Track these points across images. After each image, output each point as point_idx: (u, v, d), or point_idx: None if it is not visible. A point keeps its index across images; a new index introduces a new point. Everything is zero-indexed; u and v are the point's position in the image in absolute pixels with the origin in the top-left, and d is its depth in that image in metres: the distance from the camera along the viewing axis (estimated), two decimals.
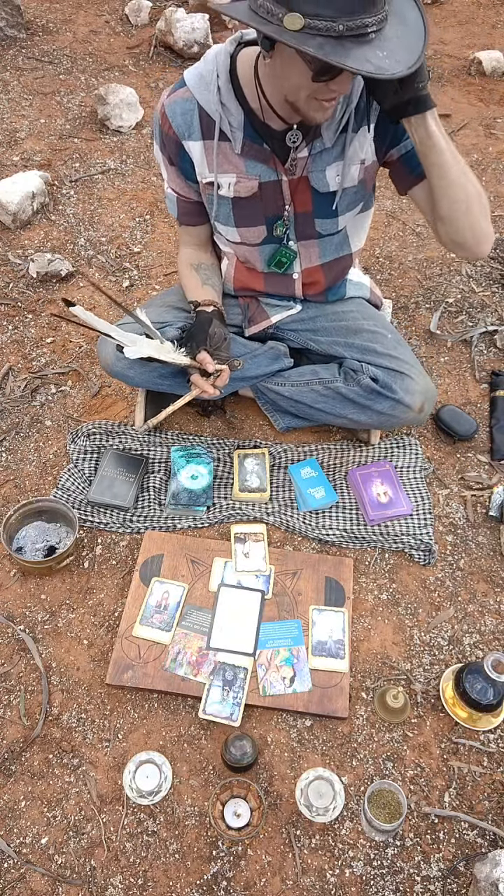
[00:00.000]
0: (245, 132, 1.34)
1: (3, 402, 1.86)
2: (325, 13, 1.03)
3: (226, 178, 1.41)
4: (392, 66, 1.07)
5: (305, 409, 1.68)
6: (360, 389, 1.58)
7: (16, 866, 1.21)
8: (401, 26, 1.11)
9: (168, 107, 1.36)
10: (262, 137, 1.35)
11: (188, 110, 1.35)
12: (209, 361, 1.42)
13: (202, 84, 1.32)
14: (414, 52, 1.10)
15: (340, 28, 1.04)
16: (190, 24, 3.08)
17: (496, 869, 1.12)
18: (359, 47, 1.06)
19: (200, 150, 1.39)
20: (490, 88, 3.09)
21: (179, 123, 1.36)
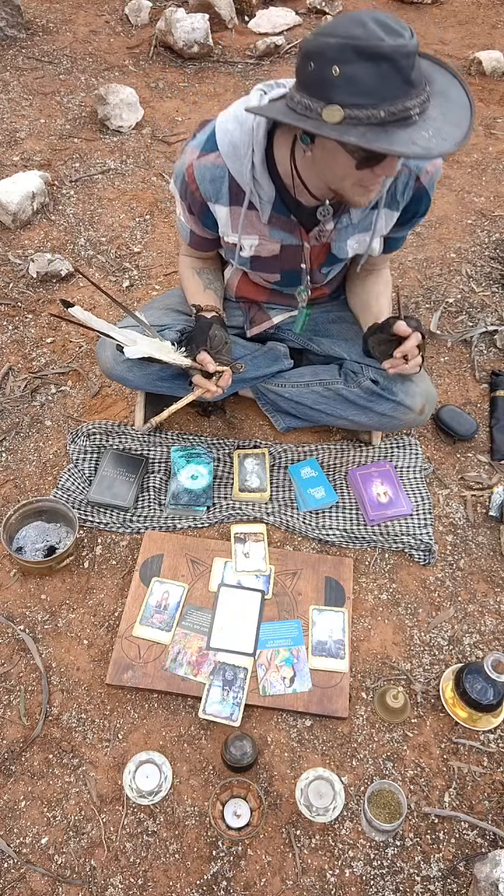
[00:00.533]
0: (274, 205, 1.34)
1: (3, 402, 1.86)
2: (365, 102, 1.02)
3: (248, 240, 1.42)
4: (439, 145, 1.05)
5: (306, 411, 1.68)
6: (360, 391, 1.58)
7: (16, 866, 1.21)
8: (445, 103, 1.10)
9: (197, 169, 1.34)
10: (290, 210, 1.35)
11: (218, 177, 1.33)
12: (210, 361, 1.42)
13: (235, 155, 1.30)
14: (461, 126, 1.08)
15: (382, 114, 1.02)
16: (190, 24, 3.08)
17: (496, 869, 1.12)
18: (403, 130, 1.04)
19: (226, 214, 1.39)
20: (490, 88, 3.09)
21: (207, 188, 1.35)
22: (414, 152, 1.03)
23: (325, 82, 1.04)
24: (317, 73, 1.04)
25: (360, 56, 1.00)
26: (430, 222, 2.42)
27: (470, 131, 1.09)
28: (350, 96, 1.02)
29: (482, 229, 2.40)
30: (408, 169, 1.32)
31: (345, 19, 1.04)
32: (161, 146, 2.71)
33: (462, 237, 2.37)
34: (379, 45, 0.99)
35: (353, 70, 1.01)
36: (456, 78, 1.14)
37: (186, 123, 2.83)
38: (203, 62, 3.18)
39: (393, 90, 1.02)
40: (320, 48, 1.03)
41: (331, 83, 1.03)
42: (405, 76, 1.02)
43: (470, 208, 2.48)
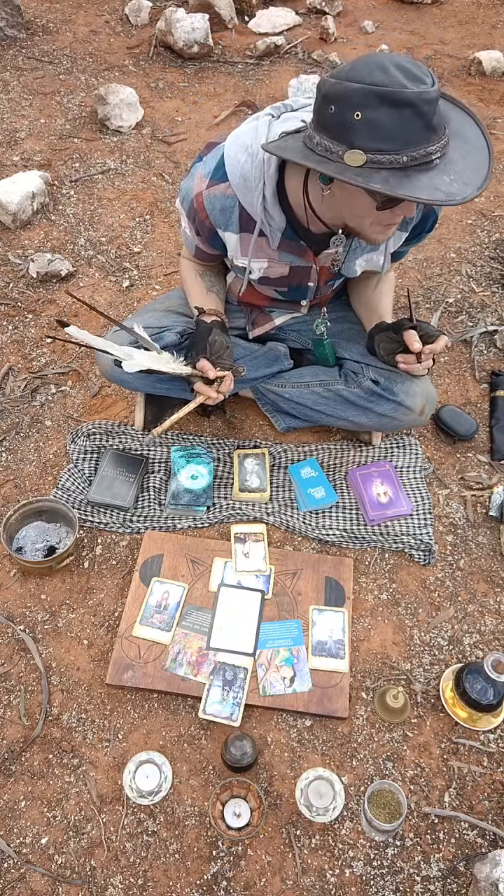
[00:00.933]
0: (284, 233, 1.34)
1: (3, 402, 1.86)
2: (388, 147, 1.02)
3: (258, 263, 1.43)
4: (461, 190, 1.06)
5: (306, 411, 1.68)
6: (360, 391, 1.58)
7: (16, 866, 1.21)
8: (463, 145, 1.11)
9: (207, 199, 1.34)
10: (300, 236, 1.36)
11: (228, 207, 1.34)
12: (210, 368, 1.41)
13: (246, 187, 1.30)
14: (480, 171, 1.09)
15: (405, 160, 1.03)
16: (190, 24, 3.08)
17: (496, 869, 1.12)
18: (425, 174, 1.05)
19: (236, 241, 1.39)
20: (490, 88, 3.08)
21: (217, 217, 1.36)
22: (437, 198, 1.04)
23: (346, 126, 1.04)
24: (338, 117, 1.04)
25: (384, 102, 1.01)
26: None
27: (490, 175, 1.10)
28: (373, 141, 1.03)
29: (482, 229, 2.40)
30: None
31: (365, 63, 1.04)
32: (161, 146, 2.71)
33: (462, 237, 2.37)
34: (402, 91, 1.00)
35: (375, 115, 1.01)
36: (471, 117, 1.15)
37: (186, 123, 2.83)
38: (203, 62, 3.18)
39: (415, 135, 1.03)
40: (342, 93, 1.03)
41: (353, 127, 1.03)
42: (427, 121, 1.02)
43: (470, 208, 2.48)
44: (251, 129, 1.29)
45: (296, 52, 3.27)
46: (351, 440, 1.79)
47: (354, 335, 1.64)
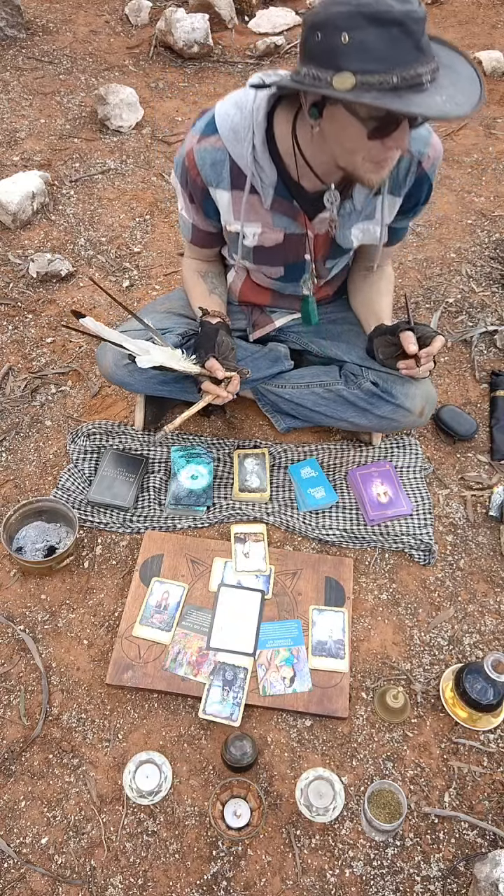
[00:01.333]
0: (276, 189, 1.32)
1: (3, 402, 1.86)
2: (377, 67, 0.99)
3: (251, 228, 1.40)
4: (455, 109, 1.03)
5: (306, 412, 1.68)
6: (360, 393, 1.58)
7: (16, 866, 1.21)
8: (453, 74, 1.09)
9: (197, 153, 1.32)
10: (293, 194, 1.34)
11: (219, 161, 1.31)
12: (219, 368, 1.40)
13: (235, 138, 1.28)
14: (472, 94, 1.07)
15: (395, 80, 1.00)
16: (190, 24, 3.08)
17: (496, 869, 1.12)
18: (416, 95, 1.02)
19: (228, 200, 1.37)
20: (490, 88, 3.08)
21: (208, 173, 1.33)
22: (432, 113, 1.01)
23: (334, 50, 1.01)
24: (325, 43, 1.02)
25: (371, 22, 0.98)
26: (430, 222, 2.42)
27: (483, 98, 1.07)
28: (361, 62, 1.00)
29: (482, 229, 2.40)
30: (410, 154, 1.31)
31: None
32: (161, 146, 2.71)
33: (462, 237, 2.37)
34: (389, 10, 0.98)
35: (363, 36, 0.99)
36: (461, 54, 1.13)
37: (186, 123, 2.83)
38: (203, 62, 3.18)
39: (404, 55, 1.00)
40: (328, 17, 1.01)
41: (340, 51, 1.00)
42: (416, 41, 1.00)
43: (470, 208, 2.48)
44: (240, 90, 1.29)
45: (296, 52, 3.27)
46: (351, 440, 1.79)
47: (354, 337, 1.64)
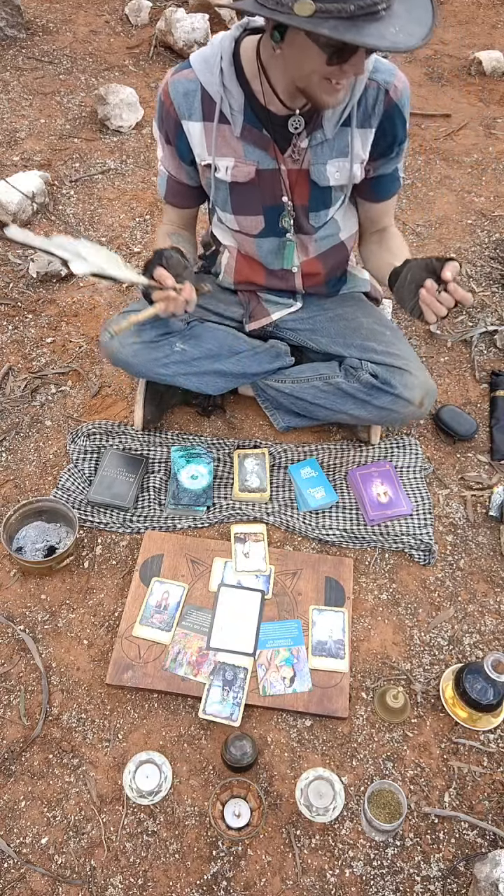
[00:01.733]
0: (245, 116, 1.35)
1: (3, 402, 1.86)
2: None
3: (224, 161, 1.41)
4: (406, 41, 1.08)
5: (306, 406, 1.68)
6: (360, 385, 1.58)
7: (16, 866, 1.21)
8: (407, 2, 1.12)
9: (171, 85, 1.36)
10: (263, 123, 1.35)
11: (191, 91, 1.35)
12: (167, 276, 1.37)
13: (206, 66, 1.33)
14: (424, 24, 1.11)
15: (352, 8, 1.04)
16: (190, 24, 3.08)
17: (496, 869, 1.12)
18: (372, 25, 1.06)
19: (200, 132, 1.39)
20: (490, 88, 3.09)
21: (181, 103, 1.37)
22: (383, 45, 1.06)
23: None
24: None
25: None
26: (430, 222, 2.42)
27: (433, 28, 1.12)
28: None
29: (482, 229, 2.40)
30: (376, 83, 1.32)
31: None
32: None
33: (462, 237, 2.37)
34: None
35: None
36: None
37: None
38: None
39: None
40: None
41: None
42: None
43: (470, 208, 2.48)
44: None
45: None
46: (350, 440, 1.79)
47: (351, 333, 1.64)
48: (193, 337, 1.62)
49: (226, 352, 1.64)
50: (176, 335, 1.60)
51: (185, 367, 1.62)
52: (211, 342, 1.62)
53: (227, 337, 1.65)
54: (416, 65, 3.22)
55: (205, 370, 1.64)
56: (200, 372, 1.64)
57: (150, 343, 1.58)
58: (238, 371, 1.66)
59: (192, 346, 1.61)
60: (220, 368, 1.64)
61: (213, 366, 1.64)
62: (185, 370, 1.62)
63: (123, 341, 1.58)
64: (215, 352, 1.63)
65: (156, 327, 1.58)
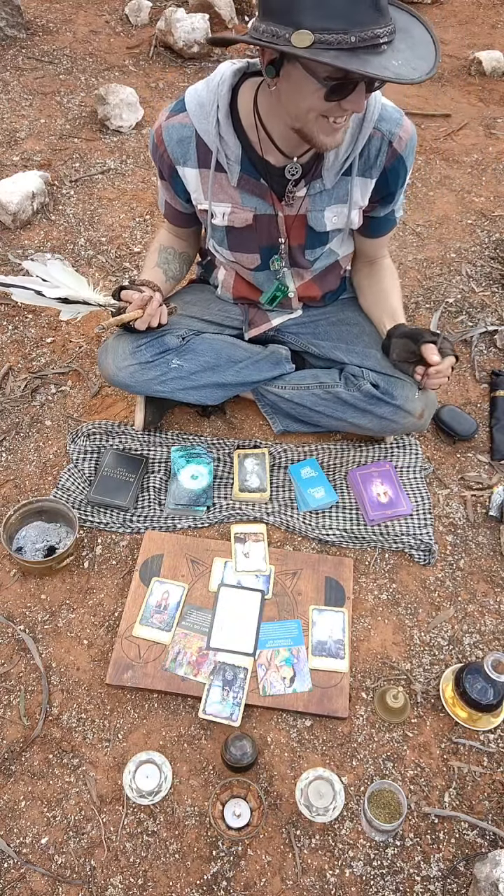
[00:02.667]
0: (242, 166, 1.32)
1: (3, 402, 1.86)
2: (336, 26, 0.99)
3: (220, 207, 1.39)
4: (409, 73, 1.04)
5: (306, 412, 1.68)
6: (360, 395, 1.58)
7: (16, 866, 1.21)
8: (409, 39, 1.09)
9: (165, 130, 1.33)
10: (260, 173, 1.33)
11: (185, 137, 1.32)
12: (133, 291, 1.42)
13: (202, 112, 1.29)
14: (428, 59, 1.07)
15: (353, 39, 1.00)
16: (190, 24, 3.08)
17: (496, 869, 1.12)
18: (373, 57, 1.02)
19: (196, 178, 1.37)
20: (490, 88, 3.09)
21: (175, 149, 1.34)
22: (387, 75, 1.01)
23: (292, 6, 1.01)
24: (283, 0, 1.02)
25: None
26: (429, 222, 2.42)
27: (437, 64, 1.08)
28: (320, 20, 0.99)
29: (482, 229, 2.40)
30: (380, 133, 1.29)
31: None
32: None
33: (462, 237, 2.37)
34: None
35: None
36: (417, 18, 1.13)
37: None
38: (203, 62, 3.18)
39: (362, 15, 0.99)
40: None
41: (299, 7, 1.00)
42: (374, 1, 1.00)
43: (470, 208, 2.48)
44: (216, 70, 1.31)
45: None
46: (351, 440, 1.79)
47: (353, 339, 1.64)
48: (190, 351, 1.61)
49: (224, 362, 1.64)
50: (172, 352, 1.60)
51: (184, 383, 1.62)
52: (208, 354, 1.62)
53: (224, 347, 1.64)
54: None
55: (204, 383, 1.64)
56: (199, 386, 1.64)
57: (147, 363, 1.58)
58: (237, 381, 1.66)
59: (188, 361, 1.61)
60: (219, 380, 1.65)
61: (212, 378, 1.64)
62: (183, 385, 1.63)
63: (119, 364, 1.58)
64: (213, 364, 1.63)
65: (151, 347, 1.58)
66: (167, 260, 1.58)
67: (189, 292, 1.74)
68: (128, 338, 1.58)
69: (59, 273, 1.48)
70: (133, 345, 1.58)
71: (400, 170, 1.35)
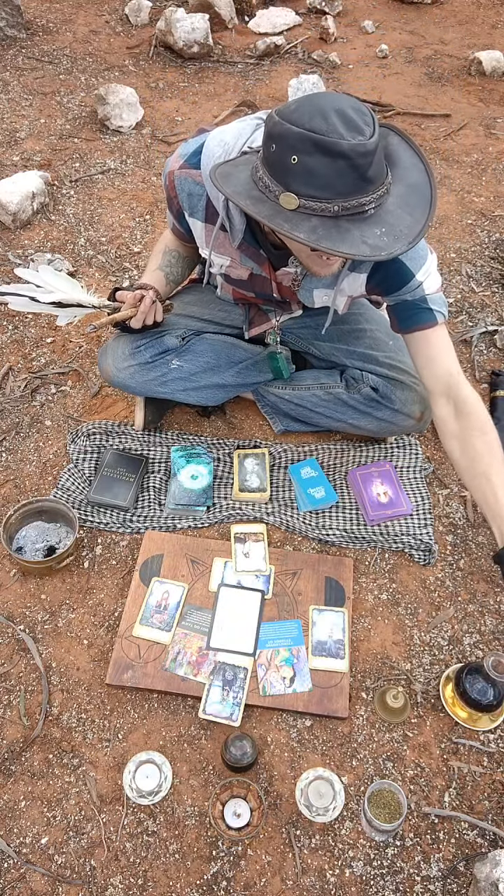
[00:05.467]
0: (244, 236, 1.35)
1: (3, 402, 1.86)
2: (321, 195, 1.03)
3: (220, 259, 1.43)
4: (389, 245, 1.06)
5: (306, 413, 1.69)
6: (360, 397, 1.59)
7: (16, 866, 1.21)
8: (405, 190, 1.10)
9: (178, 180, 1.35)
10: (260, 244, 1.36)
11: (196, 194, 1.35)
12: (127, 290, 1.44)
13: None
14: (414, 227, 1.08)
15: (336, 209, 1.03)
16: (190, 24, 3.08)
17: (496, 869, 1.12)
18: (355, 225, 1.05)
19: (201, 229, 1.40)
20: (490, 88, 3.09)
21: (185, 201, 1.37)
22: (361, 252, 1.04)
23: (284, 167, 1.05)
24: (277, 157, 1.05)
25: (318, 149, 1.01)
26: None
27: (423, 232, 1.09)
28: (306, 187, 1.03)
29: (482, 229, 2.40)
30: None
31: (308, 106, 1.03)
32: (161, 146, 2.71)
33: (462, 237, 2.37)
34: (337, 142, 1.00)
35: (311, 162, 1.02)
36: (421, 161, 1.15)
37: (186, 123, 2.83)
38: (203, 62, 3.18)
39: (348, 187, 1.03)
40: (282, 133, 1.04)
41: (289, 170, 1.04)
42: (361, 174, 1.03)
43: (470, 208, 2.48)
44: (236, 128, 1.29)
45: (296, 52, 3.27)
46: (351, 440, 1.79)
47: (354, 341, 1.64)
48: (189, 352, 1.62)
49: (224, 363, 1.64)
50: (171, 353, 1.60)
51: (184, 384, 1.63)
52: (208, 355, 1.63)
53: (224, 348, 1.65)
54: (417, 65, 3.22)
55: (204, 384, 1.64)
56: (200, 386, 1.64)
57: (147, 364, 1.59)
58: (238, 382, 1.67)
59: (188, 362, 1.61)
60: (219, 381, 1.65)
61: (212, 379, 1.64)
62: (183, 386, 1.63)
63: (119, 365, 1.59)
64: (213, 364, 1.63)
65: (151, 347, 1.59)
66: (170, 263, 1.59)
67: (189, 292, 1.74)
68: (127, 339, 1.59)
69: (51, 277, 1.49)
70: (132, 346, 1.58)
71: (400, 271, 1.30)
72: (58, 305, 1.47)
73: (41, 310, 1.48)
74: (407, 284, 1.31)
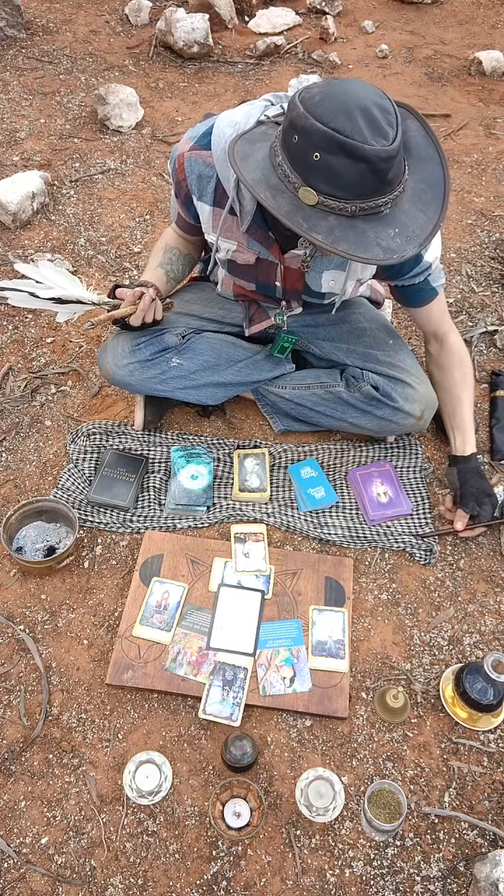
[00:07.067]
0: (254, 217, 1.34)
1: (3, 402, 1.86)
2: (340, 195, 1.04)
3: (226, 244, 1.43)
4: (401, 247, 1.08)
5: (306, 412, 1.69)
6: (361, 396, 1.59)
7: (16, 866, 1.21)
8: (421, 185, 1.12)
9: (188, 161, 1.35)
10: (269, 225, 1.36)
11: (206, 176, 1.34)
12: (128, 290, 1.44)
13: (225, 161, 1.30)
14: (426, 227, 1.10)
15: (353, 209, 1.05)
16: (190, 24, 3.08)
17: (496, 869, 1.12)
18: (370, 225, 1.07)
19: (209, 213, 1.40)
20: (490, 88, 3.09)
21: (194, 183, 1.36)
22: (375, 255, 1.06)
23: (305, 162, 1.05)
24: (300, 150, 1.06)
25: (341, 151, 1.02)
26: None
27: (435, 232, 1.11)
28: (326, 185, 1.05)
29: (482, 229, 2.40)
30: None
31: (334, 101, 1.03)
32: (161, 146, 2.71)
33: (462, 237, 2.37)
34: (361, 146, 1.01)
35: (333, 161, 1.03)
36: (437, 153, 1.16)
37: (186, 123, 2.83)
38: (203, 62, 3.18)
39: (367, 189, 1.04)
40: (306, 128, 1.04)
41: (310, 165, 1.05)
42: (382, 177, 1.04)
43: (470, 208, 2.48)
44: (245, 110, 1.29)
45: (296, 52, 3.27)
46: (351, 440, 1.79)
47: (354, 339, 1.64)
48: (189, 350, 1.62)
49: (224, 362, 1.64)
50: (171, 351, 1.60)
51: (184, 382, 1.63)
52: (208, 353, 1.63)
53: (224, 346, 1.65)
54: (417, 65, 3.22)
55: (203, 382, 1.64)
56: (199, 385, 1.64)
57: (146, 362, 1.59)
58: (237, 381, 1.66)
59: (188, 360, 1.61)
60: (219, 380, 1.65)
61: (212, 377, 1.64)
62: (183, 384, 1.63)
63: (119, 362, 1.59)
64: (213, 363, 1.63)
65: (150, 345, 1.59)
66: (171, 261, 1.59)
67: (189, 290, 1.74)
68: (127, 336, 1.59)
69: (52, 273, 1.49)
70: (132, 343, 1.58)
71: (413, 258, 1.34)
72: (57, 301, 1.47)
73: (40, 306, 1.48)
74: (415, 268, 1.39)
